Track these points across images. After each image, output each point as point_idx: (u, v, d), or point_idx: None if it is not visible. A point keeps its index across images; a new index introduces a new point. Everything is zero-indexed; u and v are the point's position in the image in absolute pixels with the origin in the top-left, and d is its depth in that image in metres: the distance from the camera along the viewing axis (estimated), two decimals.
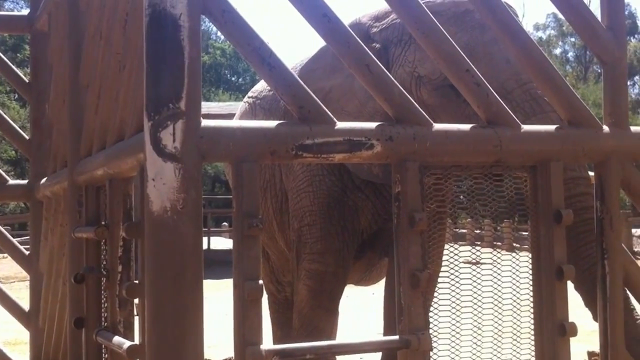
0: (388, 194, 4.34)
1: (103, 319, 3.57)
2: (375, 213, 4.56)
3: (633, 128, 3.31)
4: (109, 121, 3.33)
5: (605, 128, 3.23)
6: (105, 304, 3.51)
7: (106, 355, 3.55)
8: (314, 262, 4.53)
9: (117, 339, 3.14)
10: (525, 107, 3.83)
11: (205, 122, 2.57)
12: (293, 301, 4.94)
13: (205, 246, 21.85)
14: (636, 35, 52.28)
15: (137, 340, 2.98)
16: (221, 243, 23.77)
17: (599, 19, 3.29)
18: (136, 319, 3.12)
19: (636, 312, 3.49)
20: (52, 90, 4.99)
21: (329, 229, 4.50)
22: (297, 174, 4.70)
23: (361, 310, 10.20)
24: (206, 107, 20.39)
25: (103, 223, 3.50)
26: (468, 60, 3.00)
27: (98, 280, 3.60)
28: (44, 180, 5.04)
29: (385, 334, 4.96)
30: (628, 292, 3.32)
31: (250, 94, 5.92)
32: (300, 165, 4.65)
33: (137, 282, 2.84)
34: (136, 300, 3.01)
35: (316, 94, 4.34)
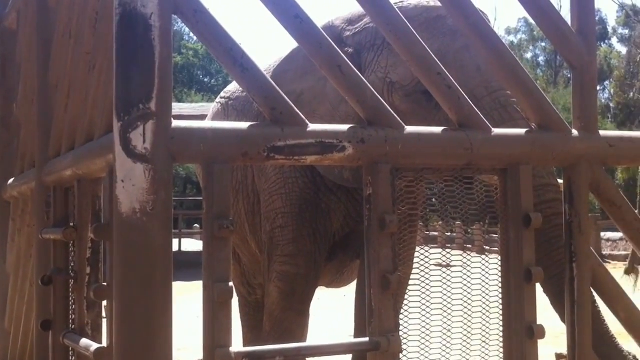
0: (360, 197, 4.31)
1: (71, 321, 3.53)
2: (347, 215, 4.56)
3: (602, 132, 3.33)
4: (78, 121, 3.30)
5: (575, 132, 3.24)
6: (73, 306, 3.48)
7: (73, 358, 3.52)
8: (285, 264, 4.52)
9: (84, 341, 3.11)
10: (495, 115, 3.84)
11: (176, 123, 2.55)
12: (264, 304, 4.92)
13: (176, 248, 21.84)
14: (606, 41, 52.79)
15: (105, 343, 2.96)
16: (192, 245, 23.69)
17: (569, 23, 3.31)
18: (104, 322, 3.10)
19: (602, 314, 3.52)
20: (21, 89, 4.94)
21: (301, 231, 4.50)
22: (269, 176, 4.69)
23: (332, 312, 10.21)
24: (178, 108, 20.36)
25: (71, 224, 3.46)
26: (439, 63, 3.00)
27: (66, 282, 3.56)
28: (11, 180, 4.99)
29: (356, 336, 4.96)
30: (595, 294, 3.33)
31: (222, 94, 5.89)
32: (273, 167, 4.64)
33: (105, 284, 2.82)
34: (104, 302, 2.99)
35: (288, 96, 4.33)
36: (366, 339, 2.85)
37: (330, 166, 4.34)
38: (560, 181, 3.59)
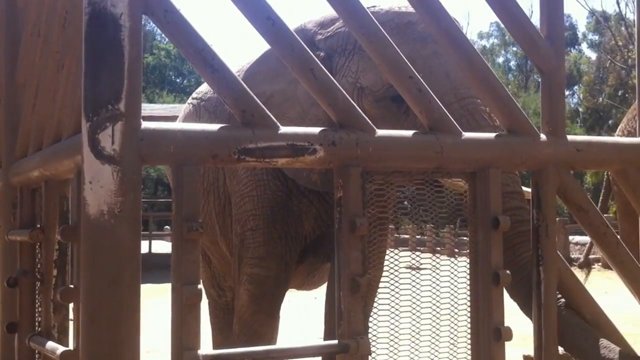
0: (331, 200, 4.32)
1: (37, 323, 3.50)
2: (318, 218, 4.55)
3: (570, 137, 3.35)
4: (46, 121, 3.27)
5: (543, 136, 3.26)
6: (39, 309, 3.45)
7: None
8: (255, 267, 4.51)
9: (50, 344, 3.07)
10: (462, 122, 3.85)
11: (145, 124, 2.53)
12: (234, 306, 4.90)
13: (146, 250, 21.74)
14: (576, 46, 53.29)
15: (71, 346, 2.93)
16: (163, 247, 23.59)
17: (539, 29, 3.32)
18: (71, 324, 3.07)
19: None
20: None
21: (272, 233, 4.49)
22: (241, 178, 4.67)
23: (303, 315, 10.20)
24: (150, 108, 20.27)
25: (38, 226, 3.44)
26: (411, 67, 3.01)
27: (32, 284, 3.53)
28: None
29: (325, 338, 4.95)
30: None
31: (194, 95, 5.87)
32: (245, 170, 4.62)
33: (72, 286, 2.79)
34: (71, 305, 2.96)
35: (258, 97, 4.32)
36: (335, 342, 2.84)
37: (299, 169, 4.34)
38: (527, 189, 3.61)
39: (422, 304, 3.13)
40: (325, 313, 4.85)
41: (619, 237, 3.57)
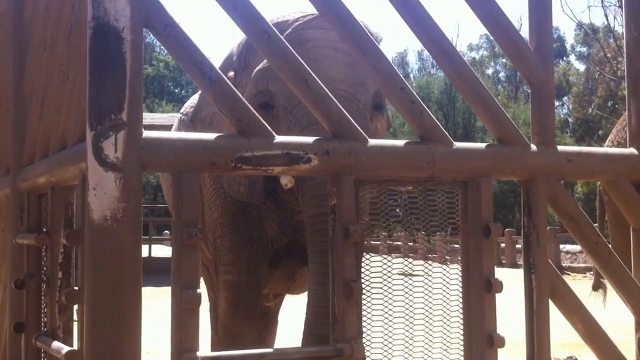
0: (289, 206, 4.39)
1: (43, 324, 3.52)
2: (280, 224, 4.52)
3: (560, 147, 3.36)
4: (52, 130, 3.30)
5: (533, 146, 3.27)
6: (45, 310, 3.47)
7: None
8: (228, 273, 4.52)
9: (56, 344, 3.10)
10: (303, 121, 3.93)
11: (146, 133, 2.56)
12: None
13: (146, 254, 21.70)
14: (565, 58, 53.28)
15: (75, 346, 2.95)
16: (163, 251, 23.59)
17: (528, 41, 3.34)
18: (75, 325, 3.09)
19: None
20: None
21: (237, 239, 4.49)
22: (207, 187, 4.70)
23: (299, 318, 10.15)
24: (149, 117, 20.31)
25: (44, 230, 3.46)
26: (403, 79, 3.03)
27: (38, 286, 3.55)
28: None
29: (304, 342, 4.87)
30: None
31: (181, 110, 6.01)
32: (210, 179, 4.65)
33: (76, 288, 2.82)
34: (76, 306, 2.98)
35: (204, 120, 4.39)
36: (330, 346, 2.86)
37: (231, 182, 4.38)
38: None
39: (415, 310, 3.13)
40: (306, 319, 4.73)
41: (610, 246, 3.58)
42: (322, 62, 3.94)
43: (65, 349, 2.92)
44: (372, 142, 2.92)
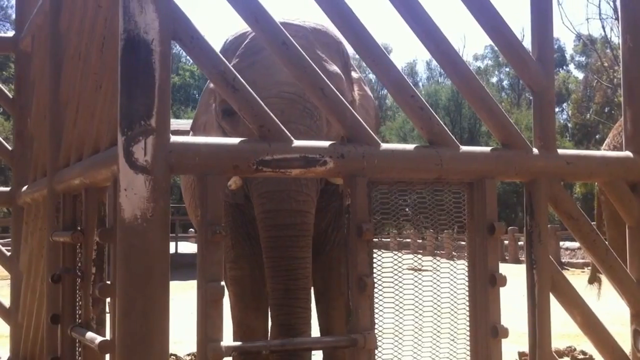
0: None
1: (77, 316, 3.53)
2: None
3: (560, 150, 3.35)
4: (86, 135, 3.31)
5: (535, 150, 3.27)
6: (80, 302, 3.48)
7: (80, 349, 3.51)
8: (232, 270, 4.49)
9: (89, 334, 3.11)
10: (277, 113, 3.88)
11: (174, 138, 2.57)
12: None
13: (173, 250, 21.73)
14: (565, 67, 53.05)
15: (108, 336, 2.96)
16: (188, 247, 23.60)
17: (530, 51, 3.33)
18: (108, 316, 3.10)
19: None
20: (34, 105, 4.94)
21: (237, 236, 4.46)
22: None
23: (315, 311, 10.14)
24: (176, 123, 20.33)
25: (79, 228, 3.47)
26: (413, 87, 3.03)
27: (73, 280, 3.56)
28: (25, 187, 4.99)
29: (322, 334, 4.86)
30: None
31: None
32: None
33: (109, 282, 2.82)
34: (108, 299, 2.99)
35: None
36: (344, 336, 2.86)
37: None
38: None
39: (424, 303, 3.13)
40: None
41: (607, 243, 3.57)
42: (272, 69, 3.90)
43: (99, 339, 2.93)
44: (384, 146, 2.92)
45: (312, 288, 4.58)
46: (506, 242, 24.38)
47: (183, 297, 8.44)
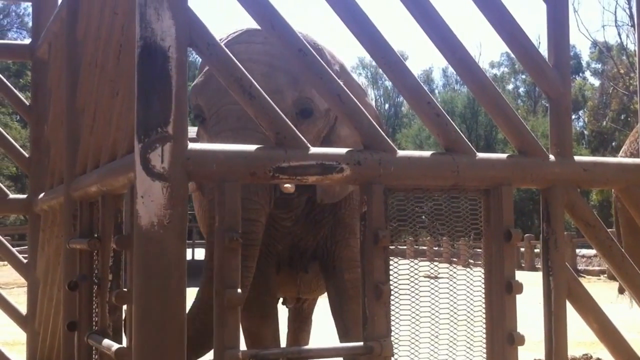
0: (273, 214, 4.23)
1: (94, 323, 3.54)
2: (269, 231, 4.40)
3: (577, 157, 3.35)
4: (103, 142, 3.32)
5: (551, 157, 3.26)
6: (96, 310, 3.49)
7: (96, 357, 3.52)
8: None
9: (106, 341, 3.12)
10: (214, 129, 3.91)
11: (191, 145, 2.57)
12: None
13: (190, 257, 21.78)
14: (581, 74, 52.93)
15: (124, 343, 2.97)
16: (204, 254, 23.59)
17: (547, 58, 3.33)
18: (124, 323, 3.11)
19: None
20: (51, 112, 4.97)
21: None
22: (204, 202, 4.64)
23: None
24: (192, 131, 20.37)
25: (95, 235, 3.48)
26: (429, 94, 3.03)
27: (90, 287, 3.57)
28: (42, 195, 5.01)
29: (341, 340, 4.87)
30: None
31: None
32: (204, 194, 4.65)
33: (125, 290, 2.83)
34: (125, 306, 3.00)
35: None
36: (360, 343, 2.86)
37: None
38: None
39: (440, 310, 3.12)
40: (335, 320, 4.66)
41: (623, 250, 3.56)
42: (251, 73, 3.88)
43: (115, 346, 2.94)
44: (400, 153, 2.92)
45: (329, 304, 4.60)
46: (522, 249, 24.31)
47: None
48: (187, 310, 2.60)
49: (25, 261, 5.73)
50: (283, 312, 5.31)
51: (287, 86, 3.93)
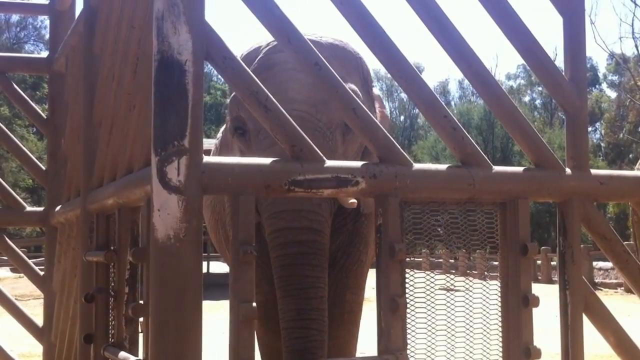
0: None
1: (110, 335, 3.55)
2: None
3: (593, 171, 3.33)
4: (119, 155, 3.34)
5: (568, 170, 3.25)
6: (113, 322, 3.50)
7: None
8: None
9: (122, 354, 3.12)
10: (264, 143, 3.86)
11: (206, 158, 2.58)
12: None
13: (205, 270, 21.82)
14: (597, 86, 52.80)
15: (141, 356, 2.98)
16: (220, 267, 23.65)
17: (563, 71, 3.33)
18: (140, 336, 3.12)
19: None
20: (68, 125, 5.00)
21: (257, 259, 4.41)
22: (227, 211, 4.64)
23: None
24: (207, 143, 20.40)
25: (112, 248, 3.49)
26: (445, 107, 3.03)
27: (106, 300, 3.58)
28: (58, 207, 5.04)
29: None
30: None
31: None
32: (208, 207, 4.68)
33: (142, 302, 2.84)
34: (141, 319, 3.01)
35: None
36: (376, 356, 2.85)
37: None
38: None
39: (456, 323, 3.11)
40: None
41: None
42: (285, 84, 3.84)
43: (132, 358, 2.95)
44: (416, 166, 2.92)
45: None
46: (539, 262, 24.23)
47: (214, 316, 8.48)
48: (202, 326, 2.59)
49: (41, 273, 5.76)
50: None
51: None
